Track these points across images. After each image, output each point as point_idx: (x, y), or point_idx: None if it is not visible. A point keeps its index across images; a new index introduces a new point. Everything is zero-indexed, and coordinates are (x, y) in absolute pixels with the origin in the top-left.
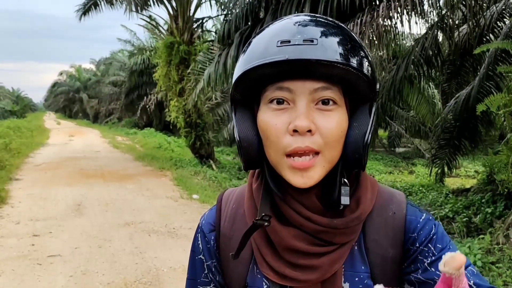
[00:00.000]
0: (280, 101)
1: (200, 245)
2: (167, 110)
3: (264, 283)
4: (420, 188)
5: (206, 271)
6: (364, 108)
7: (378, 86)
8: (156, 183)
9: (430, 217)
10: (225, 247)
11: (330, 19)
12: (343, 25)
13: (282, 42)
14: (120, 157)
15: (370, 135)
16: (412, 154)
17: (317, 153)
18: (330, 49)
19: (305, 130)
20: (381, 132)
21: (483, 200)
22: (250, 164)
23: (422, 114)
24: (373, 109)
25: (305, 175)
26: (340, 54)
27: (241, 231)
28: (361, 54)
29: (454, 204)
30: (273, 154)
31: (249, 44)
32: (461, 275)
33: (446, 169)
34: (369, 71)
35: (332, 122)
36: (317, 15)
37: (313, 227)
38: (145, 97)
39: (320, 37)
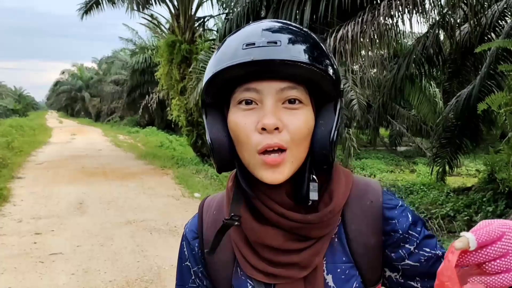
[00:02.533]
0: (248, 102)
1: (186, 252)
2: (168, 108)
3: (249, 284)
4: (421, 187)
5: (193, 277)
6: (329, 106)
7: (342, 85)
8: (157, 181)
9: (405, 204)
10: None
11: (299, 26)
12: (311, 33)
13: (247, 44)
14: (122, 156)
15: (336, 132)
16: (414, 153)
17: (284, 150)
18: (293, 49)
19: (272, 128)
20: (382, 131)
21: (484, 199)
22: (223, 166)
23: (424, 113)
24: (338, 107)
25: (276, 171)
26: (304, 54)
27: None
28: (324, 56)
29: (455, 203)
30: (246, 153)
31: (222, 44)
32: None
33: (447, 168)
34: (332, 71)
35: (299, 120)
36: (288, 22)
37: (288, 224)
38: (147, 96)
39: (284, 39)
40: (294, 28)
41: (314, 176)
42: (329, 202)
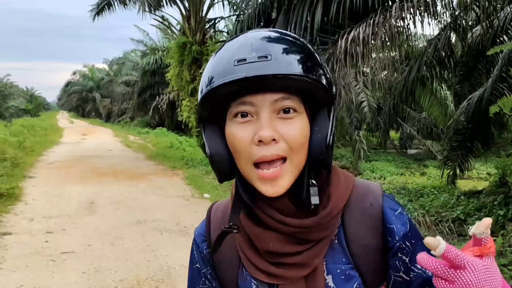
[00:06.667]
0: (244, 115)
1: (196, 255)
2: (179, 110)
3: (253, 284)
4: (432, 190)
5: (203, 278)
6: (323, 112)
7: (334, 89)
8: (167, 182)
9: (404, 212)
10: (216, 254)
11: (289, 34)
12: (298, 38)
13: (238, 61)
14: (132, 156)
15: (331, 137)
16: (424, 155)
17: (284, 159)
18: (284, 62)
19: (269, 140)
20: (392, 133)
21: (495, 203)
22: (224, 177)
23: (434, 115)
24: (332, 112)
25: (274, 185)
26: (294, 66)
27: (228, 238)
28: (315, 63)
29: (466, 206)
30: (243, 164)
31: (213, 58)
32: (489, 235)
33: (458, 171)
34: (325, 79)
35: (294, 129)
36: (276, 30)
37: (287, 229)
38: (157, 97)
39: (274, 52)
40: (283, 38)
41: (313, 181)
42: (327, 205)
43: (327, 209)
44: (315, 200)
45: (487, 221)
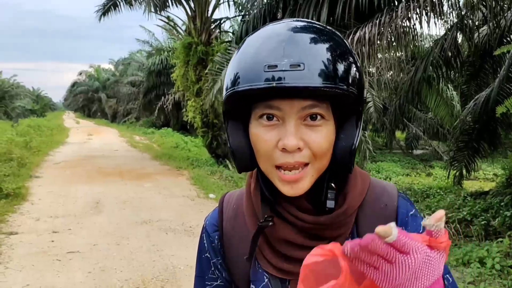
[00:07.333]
0: (270, 117)
1: (206, 244)
2: (184, 110)
3: (265, 277)
4: (438, 191)
5: (212, 268)
6: (351, 119)
7: (365, 93)
8: (173, 182)
9: (418, 214)
10: (228, 245)
11: (324, 28)
12: (333, 32)
13: (269, 66)
14: (137, 156)
15: (357, 143)
16: (430, 156)
17: (306, 164)
18: (317, 72)
19: (294, 149)
20: (398, 133)
21: (502, 203)
22: (244, 169)
23: (441, 116)
24: (361, 120)
25: (294, 186)
26: (327, 76)
27: (241, 229)
28: (350, 69)
29: (473, 207)
30: (264, 165)
31: (240, 51)
32: (441, 229)
33: (464, 171)
34: (357, 86)
35: (320, 137)
36: (310, 23)
37: (302, 225)
38: (162, 97)
39: (307, 59)
40: (316, 37)
41: (332, 184)
42: (342, 204)
43: (343, 208)
44: (330, 204)
45: (439, 213)
